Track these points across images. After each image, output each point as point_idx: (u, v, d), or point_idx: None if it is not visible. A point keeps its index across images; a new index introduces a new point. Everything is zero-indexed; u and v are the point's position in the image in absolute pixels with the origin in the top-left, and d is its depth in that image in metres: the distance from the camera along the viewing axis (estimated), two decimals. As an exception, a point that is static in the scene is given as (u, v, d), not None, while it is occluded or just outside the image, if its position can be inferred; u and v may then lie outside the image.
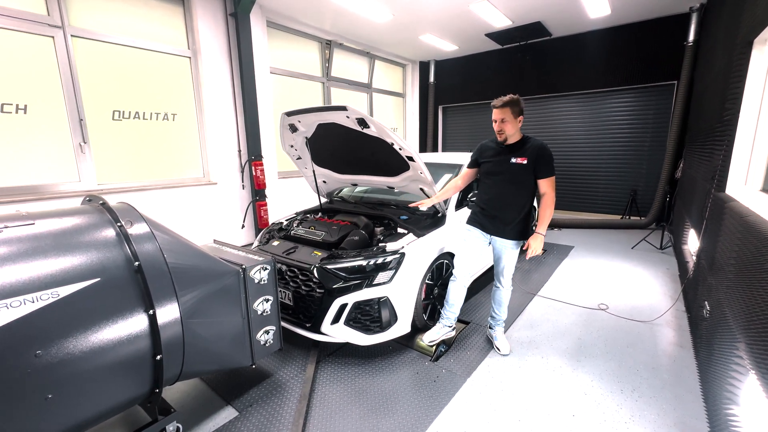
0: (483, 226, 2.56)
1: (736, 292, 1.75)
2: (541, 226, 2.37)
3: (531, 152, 2.34)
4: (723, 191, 2.47)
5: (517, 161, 2.36)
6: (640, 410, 2.08)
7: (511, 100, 2.31)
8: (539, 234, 2.35)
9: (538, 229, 2.36)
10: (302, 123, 2.91)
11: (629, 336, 2.85)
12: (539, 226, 2.37)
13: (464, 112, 8.45)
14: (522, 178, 2.38)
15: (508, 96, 2.33)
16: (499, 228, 2.49)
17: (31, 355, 1.26)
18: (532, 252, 2.34)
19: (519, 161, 2.36)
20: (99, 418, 1.52)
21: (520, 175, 2.38)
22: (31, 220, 1.45)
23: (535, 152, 2.33)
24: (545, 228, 2.37)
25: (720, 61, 3.36)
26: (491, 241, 2.58)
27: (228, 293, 1.88)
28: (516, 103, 2.31)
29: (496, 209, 2.49)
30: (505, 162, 2.40)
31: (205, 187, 4.78)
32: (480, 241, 2.58)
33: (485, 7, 5.17)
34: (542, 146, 2.35)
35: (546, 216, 2.36)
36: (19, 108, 3.39)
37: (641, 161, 6.42)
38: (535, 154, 2.33)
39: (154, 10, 4.23)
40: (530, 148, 2.35)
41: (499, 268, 2.59)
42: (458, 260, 2.62)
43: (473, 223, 2.62)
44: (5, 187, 3.36)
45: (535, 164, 2.33)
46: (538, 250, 2.35)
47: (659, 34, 5.83)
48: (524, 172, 2.36)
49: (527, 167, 2.34)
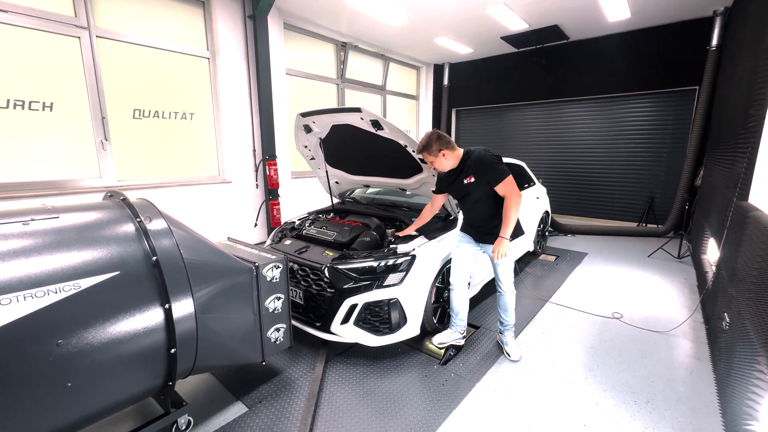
0: (470, 234, 2.61)
1: (758, 304, 1.69)
2: (504, 229, 2.30)
3: (473, 169, 2.34)
4: (746, 200, 2.40)
5: (467, 181, 2.38)
6: (654, 423, 2.03)
7: (423, 146, 2.30)
8: (502, 238, 2.30)
9: (502, 233, 2.31)
10: (317, 124, 2.94)
11: (644, 346, 2.78)
12: (503, 230, 2.31)
13: (478, 115, 8.40)
14: (480, 192, 2.39)
15: (424, 137, 2.32)
16: (483, 236, 2.53)
17: (53, 344, 1.30)
18: (496, 256, 2.30)
19: (468, 181, 2.37)
20: (115, 407, 1.56)
21: (477, 191, 2.39)
22: (55, 213, 1.51)
23: (476, 166, 2.33)
24: (508, 231, 2.30)
25: (745, 66, 3.27)
26: (483, 249, 2.59)
27: (241, 290, 1.91)
28: (429, 146, 2.29)
29: (474, 221, 2.55)
30: (459, 185, 2.43)
31: (220, 186, 4.87)
32: (471, 247, 2.60)
33: (502, 10, 5.14)
34: (480, 157, 2.34)
35: (509, 218, 2.30)
36: (46, 106, 3.51)
37: (659, 168, 6.27)
38: (477, 167, 2.33)
39: (175, 12, 4.33)
40: (471, 165, 2.35)
41: (496, 273, 2.58)
42: (453, 268, 2.63)
43: (464, 230, 2.66)
44: (31, 182, 3.48)
45: (483, 177, 2.33)
46: (502, 252, 2.29)
47: (681, 38, 5.70)
48: (477, 187, 2.37)
49: (477, 183, 2.35)
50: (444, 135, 2.33)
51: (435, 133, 2.32)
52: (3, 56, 3.24)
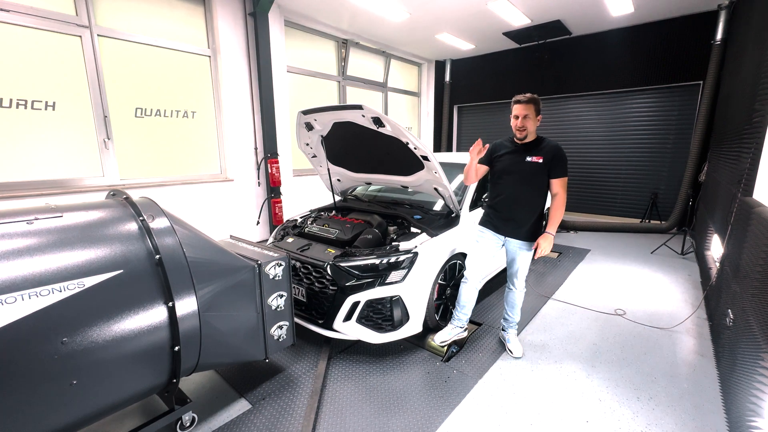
0: (496, 227, 2.55)
1: (762, 301, 1.68)
2: (551, 226, 2.35)
3: (547, 151, 2.33)
4: (750, 196, 2.38)
5: (532, 160, 2.35)
6: (657, 419, 2.03)
7: (534, 98, 2.32)
8: (549, 234, 2.33)
9: (548, 229, 2.34)
10: (318, 121, 2.93)
11: (647, 343, 2.77)
12: (549, 226, 2.35)
13: (479, 111, 8.37)
14: (536, 177, 2.37)
15: (530, 94, 2.33)
16: (513, 229, 2.47)
17: (58, 342, 1.31)
18: (541, 252, 2.32)
19: (534, 160, 2.34)
20: (120, 405, 1.57)
21: (534, 174, 2.36)
22: (59, 212, 1.52)
23: (551, 152, 2.32)
24: (555, 228, 2.35)
25: (750, 61, 3.23)
26: (504, 243, 2.56)
27: (243, 288, 1.92)
28: (538, 102, 2.33)
29: (509, 210, 2.47)
30: (521, 160, 2.39)
31: (222, 184, 4.87)
32: (493, 242, 2.56)
33: (504, 6, 5.10)
34: (558, 147, 2.36)
35: (557, 216, 2.34)
36: (48, 105, 3.52)
37: (663, 163, 6.23)
38: (551, 153, 2.32)
39: (176, 10, 4.33)
40: (546, 147, 2.34)
41: (513, 270, 2.57)
42: (470, 262, 2.61)
43: (486, 225, 2.61)
44: (34, 181, 3.50)
45: (551, 164, 2.32)
46: (547, 250, 2.32)
47: (685, 32, 5.64)
48: (539, 171, 2.35)
49: (542, 166, 2.33)
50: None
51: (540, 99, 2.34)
52: (5, 56, 3.25)
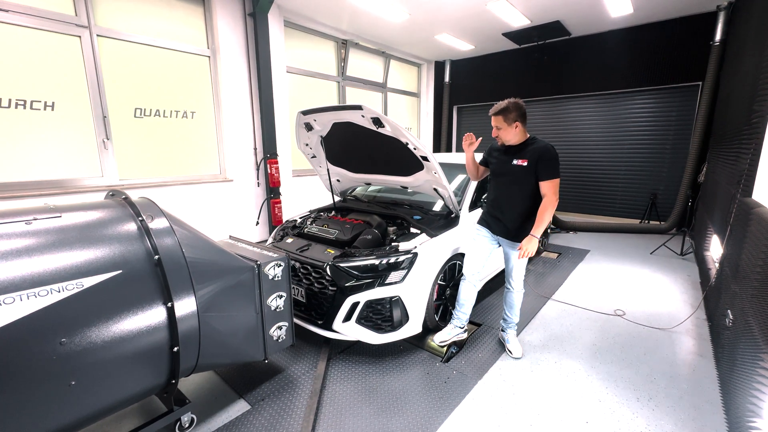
0: (490, 226, 2.58)
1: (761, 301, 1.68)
2: (537, 228, 2.27)
3: (532, 154, 2.30)
4: (749, 196, 2.38)
5: (517, 163, 2.35)
6: (657, 420, 2.02)
7: (503, 109, 2.29)
8: (533, 236, 2.27)
9: (533, 231, 2.28)
10: (318, 122, 2.93)
11: (646, 343, 2.77)
12: (535, 228, 2.28)
13: (479, 112, 8.37)
14: (523, 179, 2.35)
15: (504, 101, 2.30)
16: (503, 229, 2.49)
17: (57, 343, 1.31)
18: (523, 254, 2.27)
19: (519, 163, 2.34)
20: (118, 405, 1.57)
21: (521, 176, 2.35)
22: (58, 213, 1.51)
23: (537, 154, 2.29)
24: (540, 231, 2.28)
25: (749, 62, 3.24)
26: (499, 242, 2.57)
27: (243, 288, 1.92)
28: (510, 110, 2.28)
29: (499, 210, 2.50)
30: (507, 163, 2.40)
31: (222, 184, 4.87)
32: (488, 241, 2.58)
33: (503, 7, 5.11)
34: (546, 148, 2.30)
35: (543, 218, 2.27)
36: (47, 105, 3.52)
37: (662, 164, 6.24)
38: (537, 155, 2.29)
39: (176, 10, 4.32)
40: (532, 150, 2.32)
41: (508, 269, 2.58)
42: (467, 259, 2.63)
43: (482, 223, 2.64)
44: (33, 181, 3.49)
45: (536, 166, 2.29)
46: (530, 252, 2.26)
47: (684, 33, 5.65)
48: (525, 173, 2.33)
49: (527, 169, 2.32)
50: (524, 109, 2.31)
51: (517, 103, 2.29)
52: (4, 56, 3.25)
